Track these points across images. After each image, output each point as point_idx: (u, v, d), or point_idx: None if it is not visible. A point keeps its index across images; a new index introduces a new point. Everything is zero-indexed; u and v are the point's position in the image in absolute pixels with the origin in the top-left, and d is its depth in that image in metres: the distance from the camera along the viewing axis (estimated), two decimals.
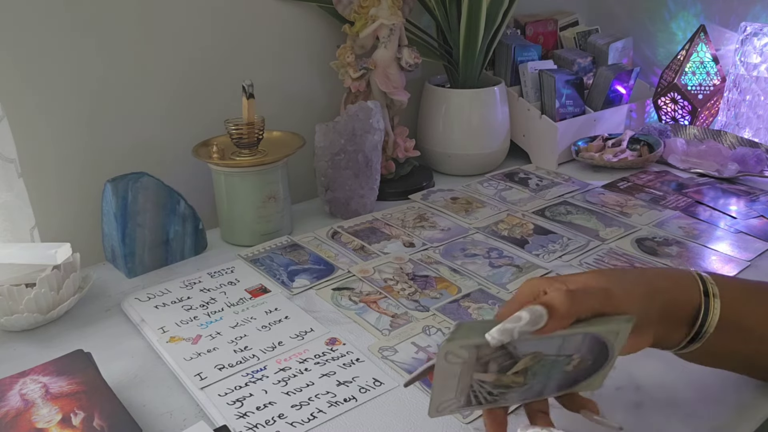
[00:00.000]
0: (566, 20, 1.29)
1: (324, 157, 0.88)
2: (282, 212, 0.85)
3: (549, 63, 1.14)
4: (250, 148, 0.82)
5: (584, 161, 1.07)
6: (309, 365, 0.60)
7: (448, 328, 0.65)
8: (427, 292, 0.72)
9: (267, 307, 0.70)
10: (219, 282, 0.75)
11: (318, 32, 0.98)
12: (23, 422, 0.50)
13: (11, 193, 0.69)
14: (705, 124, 1.19)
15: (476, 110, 1.04)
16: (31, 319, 0.65)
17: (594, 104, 1.15)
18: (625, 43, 1.24)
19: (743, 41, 1.11)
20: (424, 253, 0.81)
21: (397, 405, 0.55)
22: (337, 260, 0.79)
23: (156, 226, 0.78)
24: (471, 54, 1.02)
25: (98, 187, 0.77)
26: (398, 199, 0.98)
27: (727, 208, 0.91)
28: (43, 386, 0.54)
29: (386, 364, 0.60)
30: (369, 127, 0.87)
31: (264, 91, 0.85)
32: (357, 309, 0.69)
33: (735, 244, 0.82)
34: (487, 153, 1.06)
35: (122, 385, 0.58)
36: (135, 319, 0.68)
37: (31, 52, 0.74)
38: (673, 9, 1.27)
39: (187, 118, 0.88)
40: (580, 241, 0.83)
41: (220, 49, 0.89)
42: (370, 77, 0.95)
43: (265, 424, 0.53)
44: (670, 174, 1.05)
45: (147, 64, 0.83)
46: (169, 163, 0.87)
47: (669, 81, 1.18)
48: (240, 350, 0.62)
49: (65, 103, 0.78)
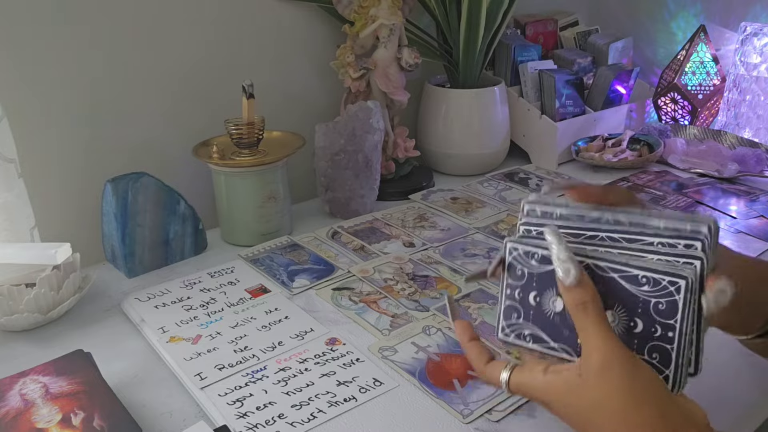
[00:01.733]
0: (566, 20, 1.29)
1: (324, 157, 0.88)
2: (282, 212, 0.85)
3: (549, 63, 1.14)
4: (250, 148, 0.82)
5: (584, 161, 1.07)
6: (309, 365, 0.60)
7: (449, 328, 0.65)
8: (427, 292, 0.72)
9: (267, 307, 0.70)
10: (219, 282, 0.75)
11: (318, 32, 0.98)
12: (23, 422, 0.50)
13: (11, 193, 0.69)
14: (705, 124, 1.19)
15: (476, 110, 1.04)
16: (31, 319, 0.65)
17: (594, 104, 1.15)
18: (625, 43, 1.24)
19: (743, 41, 1.11)
20: (424, 253, 0.81)
21: (397, 405, 0.55)
22: (337, 260, 0.79)
23: (156, 226, 0.78)
24: (471, 54, 1.02)
25: (98, 187, 0.77)
26: (398, 199, 0.98)
27: (727, 208, 0.91)
28: (43, 386, 0.54)
29: (386, 364, 0.60)
30: (369, 127, 0.87)
31: (264, 91, 0.85)
32: (357, 309, 0.69)
33: (735, 244, 0.82)
34: (487, 153, 1.06)
35: (122, 385, 0.58)
36: (135, 319, 0.68)
37: (31, 53, 0.74)
38: (673, 9, 1.27)
39: (187, 118, 0.88)
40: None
41: (220, 49, 0.89)
42: (370, 77, 0.95)
43: (265, 424, 0.53)
44: (670, 174, 1.05)
45: (147, 64, 0.83)
46: (169, 163, 0.87)
47: (669, 81, 1.18)
48: (240, 350, 0.62)
49: (65, 103, 0.78)
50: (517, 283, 0.46)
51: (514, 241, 0.46)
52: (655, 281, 0.40)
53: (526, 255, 0.45)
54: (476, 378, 0.57)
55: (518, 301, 0.46)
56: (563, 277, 0.41)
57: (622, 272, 0.41)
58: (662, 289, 0.40)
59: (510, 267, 0.46)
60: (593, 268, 0.42)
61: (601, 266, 0.42)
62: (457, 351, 0.62)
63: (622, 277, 0.42)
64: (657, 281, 0.40)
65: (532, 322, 0.45)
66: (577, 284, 0.40)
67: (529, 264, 0.45)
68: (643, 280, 0.41)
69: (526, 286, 0.45)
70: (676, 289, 0.40)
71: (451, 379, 0.58)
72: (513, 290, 0.46)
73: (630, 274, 0.41)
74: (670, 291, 0.40)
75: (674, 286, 0.40)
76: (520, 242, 0.46)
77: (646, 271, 0.41)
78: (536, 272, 0.45)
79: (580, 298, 0.40)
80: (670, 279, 0.40)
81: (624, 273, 0.41)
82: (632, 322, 0.42)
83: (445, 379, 0.58)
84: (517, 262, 0.46)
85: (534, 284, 0.45)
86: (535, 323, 0.45)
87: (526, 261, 0.45)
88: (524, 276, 0.45)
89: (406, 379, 0.58)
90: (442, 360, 0.60)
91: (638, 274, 0.41)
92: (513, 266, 0.46)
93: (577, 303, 0.41)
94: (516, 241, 0.46)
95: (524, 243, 0.45)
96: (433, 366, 0.60)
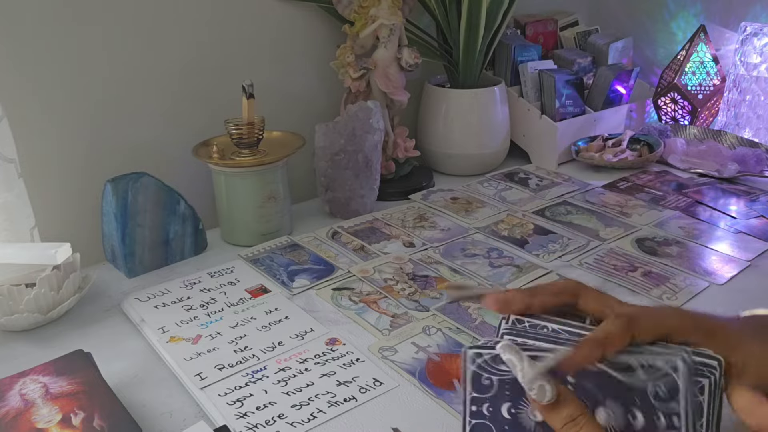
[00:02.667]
0: (566, 20, 1.29)
1: (324, 157, 0.88)
2: (282, 212, 0.85)
3: (549, 63, 1.14)
4: (250, 148, 0.82)
5: (584, 161, 1.07)
6: (309, 365, 0.60)
7: (449, 328, 0.65)
8: (427, 292, 0.72)
9: (267, 307, 0.70)
10: (219, 282, 0.75)
11: (318, 32, 0.98)
12: (23, 422, 0.50)
13: (11, 193, 0.69)
14: (705, 124, 1.19)
15: (476, 110, 1.04)
16: (31, 319, 0.65)
17: (594, 104, 1.15)
18: (625, 43, 1.24)
19: (743, 41, 1.11)
20: (424, 253, 0.81)
21: (397, 405, 0.55)
22: (337, 260, 0.79)
23: (156, 226, 0.78)
24: (471, 54, 1.02)
25: (98, 187, 0.77)
26: (398, 199, 0.98)
27: (727, 208, 0.91)
28: (43, 386, 0.54)
29: (386, 364, 0.60)
30: (369, 127, 0.87)
31: (264, 91, 0.85)
32: (357, 309, 0.69)
33: (735, 244, 0.82)
34: (487, 153, 1.06)
35: (122, 385, 0.58)
36: (135, 319, 0.68)
37: (32, 53, 0.74)
38: (673, 9, 1.27)
39: (187, 118, 0.88)
40: (580, 241, 0.83)
41: (220, 49, 0.89)
42: (370, 77, 0.95)
43: (265, 424, 0.53)
44: (670, 174, 1.05)
45: (147, 63, 0.83)
46: (169, 163, 0.87)
47: (669, 81, 1.18)
48: (240, 350, 0.62)
49: (65, 103, 0.78)
50: (484, 396, 0.39)
51: (476, 347, 0.39)
52: (649, 366, 0.36)
53: (493, 360, 0.38)
54: None
55: (488, 417, 0.39)
56: (538, 398, 0.35)
57: (610, 362, 0.37)
58: (657, 372, 0.36)
59: (474, 378, 0.39)
60: None
61: None
62: (457, 351, 0.62)
63: (611, 367, 0.37)
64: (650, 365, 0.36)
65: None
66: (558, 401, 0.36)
67: (498, 370, 0.38)
68: (635, 365, 0.36)
69: (497, 397, 0.38)
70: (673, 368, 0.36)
71: (451, 379, 0.58)
72: (480, 406, 0.39)
73: (619, 362, 0.37)
74: (666, 373, 0.36)
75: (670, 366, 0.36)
76: (484, 347, 0.38)
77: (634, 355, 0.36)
78: (508, 378, 0.38)
79: (568, 416, 0.36)
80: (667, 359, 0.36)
81: (613, 362, 0.37)
82: (631, 415, 0.37)
83: (445, 379, 0.58)
84: (483, 370, 0.38)
85: (507, 393, 0.38)
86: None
87: (494, 368, 0.38)
88: (492, 386, 0.38)
89: (406, 379, 0.58)
90: (442, 360, 0.60)
91: (628, 360, 0.36)
92: (477, 376, 0.38)
93: (565, 422, 0.36)
94: (478, 347, 0.38)
95: (487, 347, 0.38)
96: (433, 366, 0.60)
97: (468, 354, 0.39)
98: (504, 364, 0.37)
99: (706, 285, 0.73)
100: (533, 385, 0.35)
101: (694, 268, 0.76)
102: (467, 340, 0.63)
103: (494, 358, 0.38)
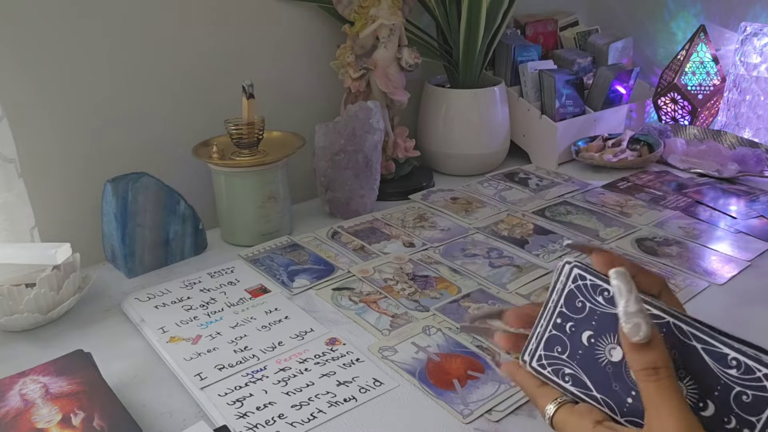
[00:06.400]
0: (566, 20, 1.29)
1: (324, 157, 0.88)
2: (282, 212, 0.85)
3: (549, 63, 1.14)
4: (250, 148, 0.82)
5: (584, 161, 1.07)
6: (309, 365, 0.60)
7: (449, 328, 0.65)
8: (427, 292, 0.72)
9: (267, 307, 0.70)
10: (219, 282, 0.75)
11: (318, 32, 0.98)
12: (23, 422, 0.50)
13: (11, 193, 0.69)
14: (705, 124, 1.19)
15: (476, 110, 1.04)
16: (31, 319, 0.65)
17: (594, 104, 1.15)
18: (625, 43, 1.24)
19: (743, 41, 1.11)
20: (424, 253, 0.81)
21: (397, 405, 0.55)
22: (337, 260, 0.79)
23: (156, 226, 0.78)
24: (471, 54, 1.02)
25: (98, 187, 0.77)
26: (398, 199, 0.98)
27: (727, 208, 0.91)
28: (43, 386, 0.54)
29: (386, 364, 0.60)
30: (369, 127, 0.87)
31: (264, 91, 0.85)
32: (357, 309, 0.69)
33: (735, 244, 0.82)
34: (487, 153, 1.06)
35: (122, 385, 0.58)
36: (135, 319, 0.68)
37: (32, 52, 0.74)
38: (673, 9, 1.27)
39: (187, 118, 0.88)
40: (580, 242, 0.83)
41: (220, 49, 0.89)
42: (370, 77, 0.95)
43: (265, 424, 0.53)
44: (670, 174, 1.05)
45: (147, 64, 0.83)
46: (169, 163, 0.87)
47: (669, 81, 1.18)
48: (240, 350, 0.62)
49: (65, 103, 0.78)
50: (572, 316, 0.39)
51: (582, 267, 0.39)
52: (748, 368, 0.34)
53: (594, 289, 0.39)
54: (476, 378, 0.57)
55: (567, 335, 0.40)
56: (630, 334, 0.35)
57: (707, 345, 0.35)
58: (754, 380, 0.34)
59: (569, 295, 0.40)
60: (673, 329, 0.36)
61: (684, 330, 0.36)
62: (457, 351, 0.62)
63: (705, 350, 0.36)
64: (750, 369, 0.34)
65: (578, 363, 0.39)
66: (648, 344, 0.35)
67: (594, 300, 0.38)
68: (733, 363, 0.35)
69: (583, 322, 0.39)
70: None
71: (451, 379, 0.58)
72: (564, 321, 0.40)
73: (717, 351, 0.35)
74: (763, 385, 0.33)
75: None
76: (588, 271, 0.39)
77: (739, 353, 0.34)
78: (600, 311, 0.38)
79: (651, 361, 0.35)
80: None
81: (710, 347, 0.35)
82: (702, 403, 0.35)
83: (445, 379, 0.58)
84: (580, 292, 0.39)
85: (593, 323, 0.38)
86: (581, 366, 0.39)
87: (592, 295, 0.39)
88: (584, 310, 0.39)
89: (406, 379, 0.58)
90: (442, 360, 0.60)
91: (728, 354, 0.35)
92: (573, 296, 0.40)
93: (646, 366, 0.35)
94: (583, 268, 0.39)
95: (593, 273, 0.39)
96: (433, 366, 0.60)
97: (572, 273, 0.39)
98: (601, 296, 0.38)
99: (706, 285, 0.73)
100: (631, 319, 0.35)
101: (694, 268, 0.76)
102: (467, 340, 0.63)
103: (595, 287, 0.38)
